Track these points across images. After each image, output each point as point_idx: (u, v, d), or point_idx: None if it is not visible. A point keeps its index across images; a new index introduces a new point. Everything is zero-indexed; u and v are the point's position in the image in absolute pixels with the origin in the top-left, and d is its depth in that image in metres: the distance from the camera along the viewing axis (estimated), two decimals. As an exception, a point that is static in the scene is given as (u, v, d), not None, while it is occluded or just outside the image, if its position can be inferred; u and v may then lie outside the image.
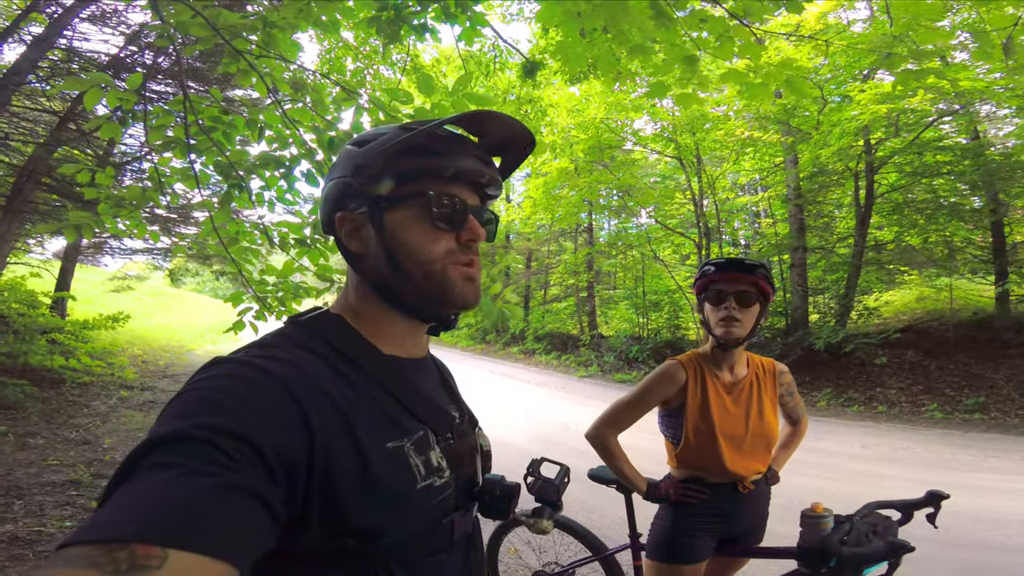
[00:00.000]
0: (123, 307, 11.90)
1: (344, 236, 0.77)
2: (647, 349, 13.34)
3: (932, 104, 9.71)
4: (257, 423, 0.55)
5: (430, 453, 0.71)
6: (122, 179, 8.41)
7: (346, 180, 0.75)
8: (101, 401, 6.99)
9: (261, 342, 0.69)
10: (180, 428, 0.52)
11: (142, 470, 0.49)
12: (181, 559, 0.43)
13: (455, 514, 0.74)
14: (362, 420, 0.65)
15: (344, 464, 0.61)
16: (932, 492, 1.67)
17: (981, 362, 8.77)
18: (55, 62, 7.21)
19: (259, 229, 3.40)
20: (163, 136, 2.80)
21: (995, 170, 9.41)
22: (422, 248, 0.73)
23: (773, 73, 2.33)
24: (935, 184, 10.69)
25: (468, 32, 2.49)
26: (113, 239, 10.77)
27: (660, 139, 14.44)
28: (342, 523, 0.61)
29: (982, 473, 5.15)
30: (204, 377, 0.61)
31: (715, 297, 1.73)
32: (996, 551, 3.45)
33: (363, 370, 0.71)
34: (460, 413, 0.85)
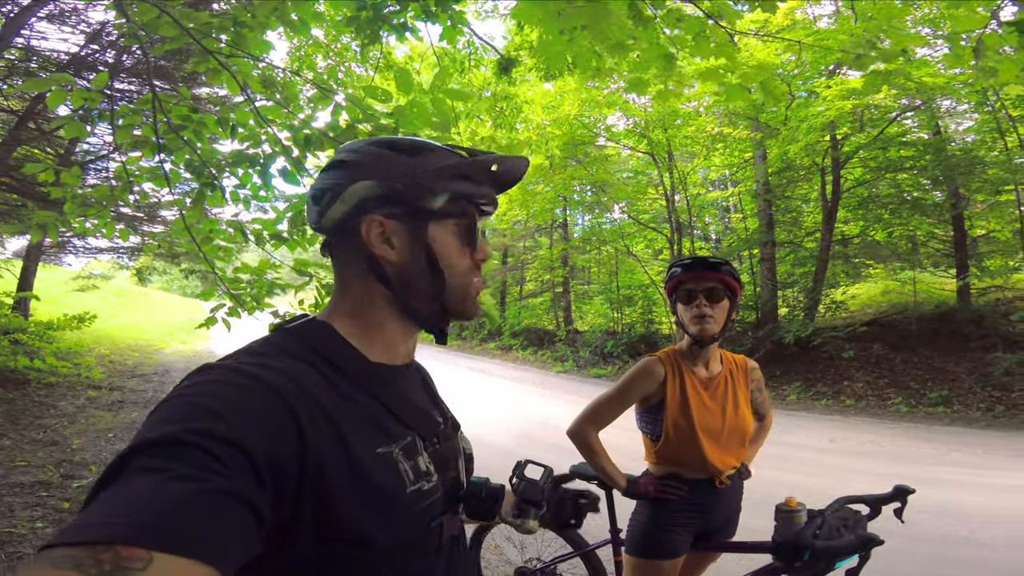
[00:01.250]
0: (88, 307, 11.57)
1: (373, 239, 0.76)
2: (622, 344, 13.48)
3: (895, 100, 9.98)
4: (249, 429, 0.54)
5: (418, 458, 0.72)
6: (86, 178, 8.14)
7: (394, 185, 0.75)
8: (68, 401, 6.85)
9: (249, 349, 0.69)
10: (169, 432, 0.51)
11: (129, 473, 0.49)
12: (166, 562, 0.43)
13: (443, 517, 0.75)
14: (352, 427, 0.65)
15: (336, 470, 0.61)
16: (899, 487, 1.72)
17: (943, 355, 9.01)
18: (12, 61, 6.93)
19: (234, 227, 3.34)
20: (131, 135, 2.72)
21: (955, 165, 9.71)
22: (458, 263, 0.79)
23: (750, 75, 2.38)
24: (899, 179, 11.02)
25: (449, 31, 2.47)
26: (77, 238, 10.44)
27: (632, 135, 14.58)
28: (334, 529, 0.61)
29: (945, 467, 5.24)
30: (194, 383, 0.60)
31: (685, 296, 1.79)
32: (961, 545, 3.51)
33: (351, 377, 0.71)
34: (443, 417, 0.87)
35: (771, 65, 8.41)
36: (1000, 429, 6.80)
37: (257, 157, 2.93)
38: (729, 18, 2.09)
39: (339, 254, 0.80)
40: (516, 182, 0.90)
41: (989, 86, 6.60)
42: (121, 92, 7.21)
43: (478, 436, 5.98)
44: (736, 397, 1.85)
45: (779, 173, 12.25)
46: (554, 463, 1.68)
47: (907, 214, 10.91)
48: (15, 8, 5.18)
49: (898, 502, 1.72)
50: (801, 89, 10.74)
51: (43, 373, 7.41)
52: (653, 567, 1.78)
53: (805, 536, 1.50)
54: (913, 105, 10.21)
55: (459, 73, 6.04)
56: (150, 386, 8.47)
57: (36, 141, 8.00)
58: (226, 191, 3.06)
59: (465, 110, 5.69)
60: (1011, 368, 7.85)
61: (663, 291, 10.95)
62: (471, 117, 6.30)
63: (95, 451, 5.13)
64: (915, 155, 10.56)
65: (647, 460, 1.89)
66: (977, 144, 10.19)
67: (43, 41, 7.55)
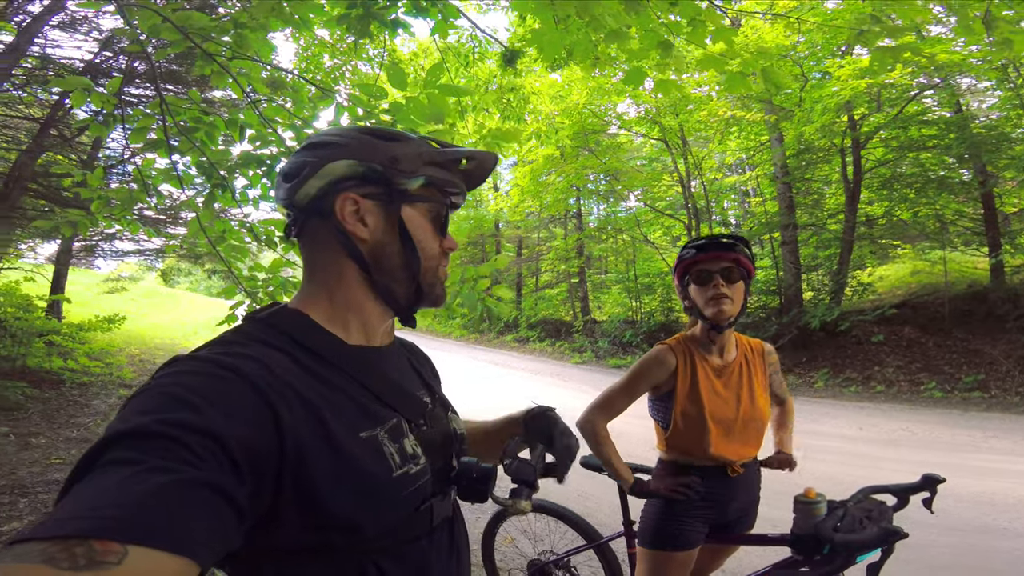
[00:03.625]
0: (118, 308, 11.97)
1: (346, 216, 0.76)
2: (641, 333, 13.36)
3: (912, 78, 9.65)
4: (223, 419, 0.54)
5: (404, 441, 0.72)
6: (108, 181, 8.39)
7: (373, 165, 0.77)
8: (101, 400, 7.06)
9: (221, 339, 0.69)
10: (142, 423, 0.51)
11: (101, 466, 0.49)
12: (140, 555, 0.42)
13: (433, 500, 0.75)
14: (333, 412, 0.65)
15: (317, 457, 0.61)
16: (928, 476, 1.65)
17: (979, 337, 8.63)
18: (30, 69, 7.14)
19: (245, 227, 3.41)
20: (144, 138, 2.79)
21: (980, 142, 9.34)
22: (428, 245, 0.81)
23: (751, 61, 2.32)
24: (922, 158, 10.65)
25: (441, 25, 2.47)
26: (104, 242, 10.74)
27: (644, 122, 14.36)
28: (320, 517, 0.61)
29: (982, 454, 5.08)
30: (166, 374, 0.60)
31: (699, 277, 1.71)
32: (998, 535, 3.40)
33: (328, 362, 0.71)
34: (432, 397, 0.86)
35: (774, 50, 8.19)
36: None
37: (264, 158, 2.98)
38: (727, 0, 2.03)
39: (309, 233, 0.79)
40: (485, 178, 0.92)
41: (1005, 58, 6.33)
42: (136, 97, 7.39)
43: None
44: (752, 385, 1.77)
45: (797, 155, 11.94)
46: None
47: (933, 193, 10.54)
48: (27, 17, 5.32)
49: (927, 492, 1.65)
50: (814, 70, 10.45)
51: (76, 373, 7.65)
52: (667, 559, 1.73)
53: (824, 529, 1.46)
54: (932, 84, 9.85)
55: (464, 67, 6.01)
56: None
57: (58, 147, 8.23)
58: (236, 192, 3.12)
59: (472, 103, 5.67)
60: (1053, 349, 7.45)
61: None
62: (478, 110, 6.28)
63: None
64: (938, 134, 10.19)
65: (658, 448, 1.85)
66: (1002, 121, 9.78)
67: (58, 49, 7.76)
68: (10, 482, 4.06)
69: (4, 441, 5.02)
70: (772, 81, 2.28)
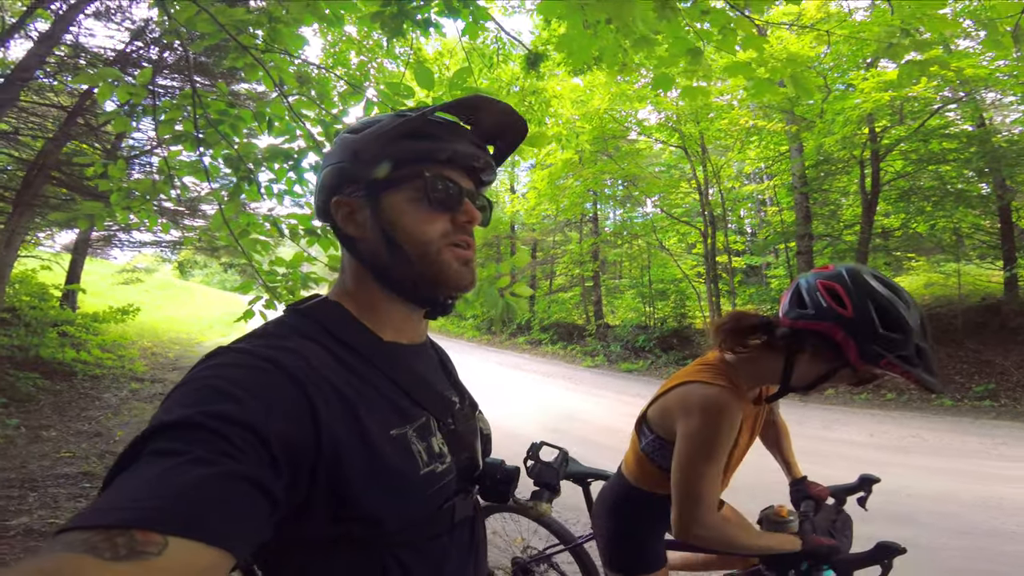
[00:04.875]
0: (132, 300, 11.95)
1: (341, 220, 0.77)
2: (654, 338, 13.34)
3: (936, 92, 9.62)
4: (263, 412, 0.55)
5: (432, 439, 0.72)
6: (130, 173, 8.49)
7: (342, 165, 0.76)
8: (112, 393, 7.07)
9: (263, 331, 0.70)
10: (185, 415, 0.52)
11: (145, 457, 0.50)
12: (180, 547, 0.43)
13: (456, 498, 0.76)
14: (366, 408, 0.66)
15: (351, 453, 0.61)
16: (864, 476, 1.68)
17: (990, 348, 8.70)
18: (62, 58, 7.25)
19: (270, 221, 3.45)
20: (172, 130, 2.84)
21: (1001, 156, 9.30)
22: (418, 230, 0.74)
23: (779, 68, 2.33)
24: (941, 171, 10.59)
25: (471, 27, 2.50)
26: (122, 232, 10.85)
27: (664, 129, 14.35)
28: (349, 510, 0.62)
29: (992, 461, 5.11)
30: (208, 366, 0.61)
31: (862, 380, 1.33)
32: (1006, 539, 3.45)
33: (364, 358, 0.72)
34: (460, 397, 0.86)
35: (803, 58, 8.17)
36: (1052, 423, 6.50)
37: (291, 152, 3.02)
38: (756, 9, 2.04)
39: (337, 237, 0.81)
40: (504, 128, 0.84)
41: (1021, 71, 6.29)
42: (164, 88, 7.48)
43: (506, 427, 6.03)
44: (759, 421, 1.51)
45: (816, 166, 11.90)
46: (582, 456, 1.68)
47: (951, 206, 10.49)
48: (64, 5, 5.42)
49: (863, 491, 1.69)
50: (838, 82, 10.41)
51: (88, 365, 7.67)
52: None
53: (822, 550, 1.36)
54: (956, 97, 9.80)
55: (487, 68, 6.04)
56: None
57: (84, 136, 8.32)
58: (261, 185, 3.16)
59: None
60: (1062, 361, 7.52)
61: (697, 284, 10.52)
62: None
63: None
64: (959, 147, 10.13)
65: (643, 484, 1.56)
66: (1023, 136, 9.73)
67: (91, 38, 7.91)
68: (20, 475, 4.06)
69: (15, 434, 5.05)
70: (801, 87, 2.29)
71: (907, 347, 1.18)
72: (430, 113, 0.76)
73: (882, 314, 1.19)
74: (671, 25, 2.13)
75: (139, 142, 9.16)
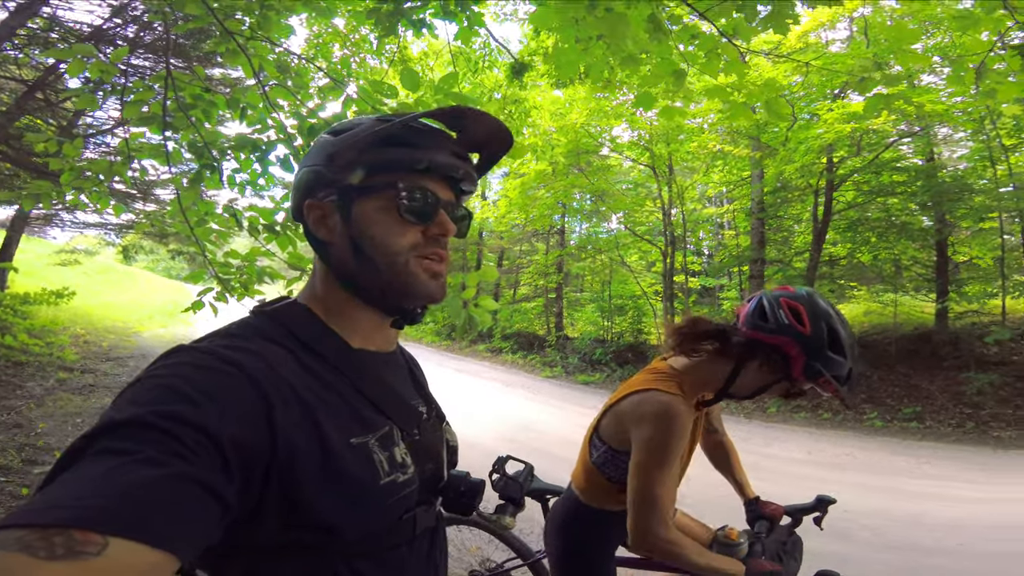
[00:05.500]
0: (69, 282, 11.33)
1: (312, 224, 0.76)
2: (610, 352, 13.56)
3: (894, 125, 10.18)
4: (218, 414, 0.54)
5: (394, 449, 0.71)
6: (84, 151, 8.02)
7: (317, 168, 0.75)
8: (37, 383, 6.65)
9: (226, 331, 0.68)
10: (137, 414, 0.50)
11: (91, 455, 0.48)
12: (121, 547, 0.42)
13: (418, 509, 0.75)
14: (327, 415, 0.64)
15: (307, 459, 0.60)
16: (820, 497, 1.74)
17: (919, 374, 9.26)
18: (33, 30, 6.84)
19: (229, 212, 3.33)
20: (139, 111, 2.71)
21: (944, 191, 9.92)
22: (387, 240, 0.73)
23: (756, 93, 2.44)
24: (889, 203, 11.22)
25: (464, 32, 2.50)
26: (65, 211, 10.26)
27: (636, 147, 14.67)
28: (303, 517, 0.60)
29: (916, 479, 5.42)
30: (165, 364, 0.59)
31: (797, 391, 1.41)
32: (926, 553, 3.65)
33: (330, 364, 0.70)
34: (428, 407, 0.86)
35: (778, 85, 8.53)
36: (970, 444, 7.02)
37: (260, 143, 2.93)
38: (744, 37, 2.14)
39: (308, 239, 0.80)
40: (490, 139, 0.82)
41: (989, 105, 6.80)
42: (135, 68, 7.14)
43: (465, 436, 5.91)
44: (699, 425, 1.56)
45: (774, 192, 12.41)
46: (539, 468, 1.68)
47: (894, 238, 11.12)
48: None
49: (818, 512, 1.74)
50: (804, 111, 10.91)
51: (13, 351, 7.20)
52: None
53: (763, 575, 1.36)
54: (911, 131, 10.41)
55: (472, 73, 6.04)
56: (125, 370, 8.24)
57: (40, 112, 7.88)
58: (224, 174, 3.05)
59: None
60: (982, 388, 8.13)
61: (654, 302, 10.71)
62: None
63: (61, 436, 4.94)
64: (907, 180, 10.76)
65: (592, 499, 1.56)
66: (968, 172, 10.42)
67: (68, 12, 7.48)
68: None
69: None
70: (774, 112, 2.40)
71: (843, 369, 1.30)
72: (411, 120, 0.74)
73: (833, 337, 1.30)
74: (660, 46, 2.19)
75: (98, 121, 8.70)
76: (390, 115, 0.77)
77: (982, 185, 10.10)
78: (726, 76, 2.35)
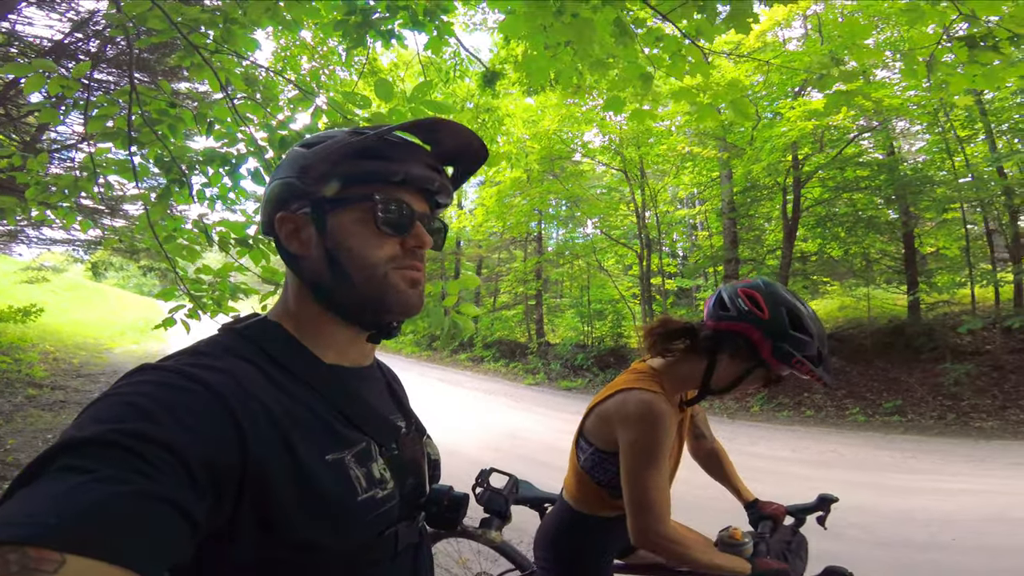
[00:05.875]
0: (36, 300, 11.16)
1: (284, 237, 0.75)
2: (592, 357, 13.62)
3: (853, 121, 10.47)
4: (183, 432, 0.53)
5: (372, 465, 0.70)
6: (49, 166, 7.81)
7: (290, 180, 0.74)
8: (5, 399, 6.58)
9: (193, 349, 0.67)
10: (98, 432, 0.49)
11: (51, 473, 0.47)
12: (79, 564, 0.41)
13: (399, 524, 0.73)
14: (300, 432, 0.63)
15: (280, 477, 0.59)
16: (823, 496, 1.75)
17: (897, 367, 9.41)
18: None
19: (199, 227, 3.28)
20: (103, 126, 2.66)
21: (907, 184, 10.22)
22: (364, 252, 0.72)
23: (721, 94, 2.49)
24: (854, 198, 11.51)
25: (435, 41, 2.51)
26: (31, 228, 9.99)
27: (607, 151, 14.85)
28: (279, 534, 0.59)
29: (903, 474, 5.43)
30: (129, 382, 0.58)
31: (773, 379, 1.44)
32: (923, 548, 3.62)
33: (301, 380, 0.69)
34: (407, 422, 0.85)
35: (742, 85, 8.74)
36: (952, 436, 7.10)
37: (230, 156, 2.89)
38: (707, 37, 2.18)
39: (280, 253, 0.79)
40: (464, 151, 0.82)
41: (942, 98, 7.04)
42: (99, 82, 7.01)
43: (448, 447, 5.91)
44: (685, 426, 1.59)
45: (744, 192, 12.65)
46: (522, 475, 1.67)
47: (862, 232, 11.41)
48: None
49: (821, 511, 1.75)
50: (767, 110, 11.15)
51: (-22, 368, 7.05)
52: None
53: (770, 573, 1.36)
54: (870, 126, 10.71)
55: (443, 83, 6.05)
56: (96, 387, 8.14)
57: (1, 126, 7.66)
58: (193, 189, 3.00)
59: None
60: (959, 378, 8.27)
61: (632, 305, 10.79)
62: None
63: (31, 451, 4.85)
64: (870, 175, 11.05)
65: (585, 506, 1.56)
66: (927, 164, 10.74)
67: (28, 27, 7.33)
68: None
69: None
70: (740, 112, 2.45)
71: (812, 349, 1.34)
72: (386, 133, 0.73)
73: (792, 318, 1.35)
74: (626, 50, 2.23)
75: (62, 136, 8.51)
76: (364, 128, 0.77)
77: (942, 177, 10.43)
78: (692, 78, 2.40)
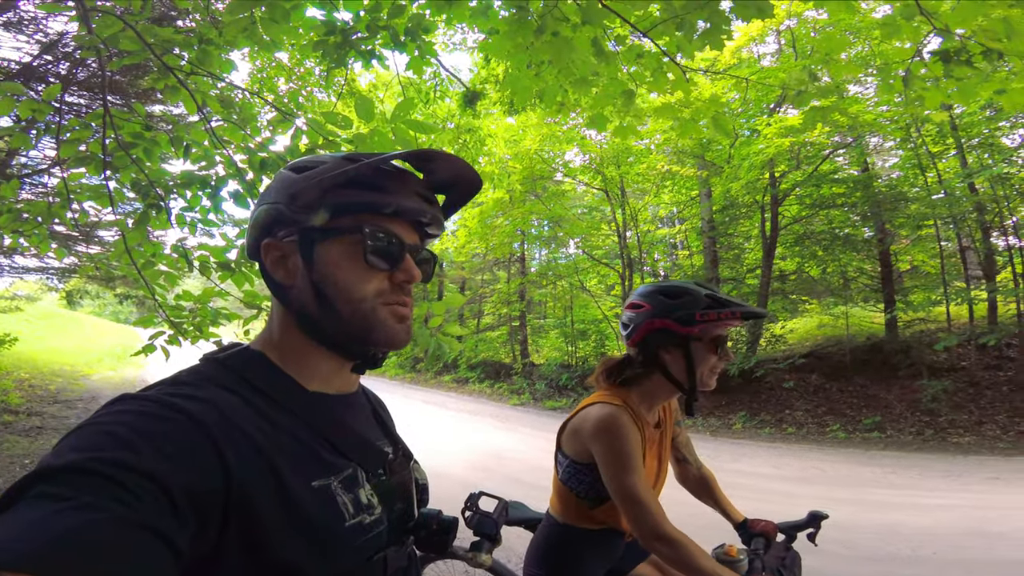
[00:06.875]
0: (9, 329, 11.02)
1: (270, 264, 0.74)
2: (576, 376, 13.63)
3: (828, 137, 10.70)
4: (163, 460, 0.52)
5: (359, 491, 0.70)
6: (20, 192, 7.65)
7: (278, 207, 0.72)
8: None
9: (174, 379, 0.66)
10: (76, 460, 0.49)
11: (27, 500, 0.46)
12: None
13: (388, 550, 0.73)
14: (285, 459, 0.63)
15: (265, 504, 0.59)
16: (813, 513, 1.75)
17: (875, 384, 9.57)
18: None
19: (178, 252, 3.21)
20: (76, 151, 2.60)
21: (881, 200, 10.45)
22: (352, 285, 0.71)
23: (703, 109, 2.53)
24: (831, 215, 11.74)
25: (416, 61, 2.51)
26: (3, 256, 9.76)
27: (588, 171, 15.03)
28: (266, 560, 0.59)
29: (883, 489, 5.47)
30: (109, 411, 0.57)
31: (715, 344, 1.49)
32: (903, 563, 3.64)
33: (286, 409, 0.69)
34: (394, 447, 0.84)
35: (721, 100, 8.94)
36: (931, 452, 7.19)
37: (209, 179, 2.85)
38: (687, 54, 2.22)
39: (265, 280, 0.77)
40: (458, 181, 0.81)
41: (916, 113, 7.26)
42: (70, 105, 6.93)
43: (435, 468, 5.81)
44: (666, 445, 1.65)
45: (723, 211, 12.85)
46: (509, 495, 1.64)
47: (839, 250, 11.62)
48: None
49: (812, 528, 1.75)
50: (744, 128, 11.38)
51: (-47, 396, 6.92)
52: None
53: None
54: (845, 142, 10.96)
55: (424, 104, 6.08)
56: (73, 412, 8.06)
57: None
58: (172, 213, 2.95)
59: (428, 142, 5.74)
60: (937, 395, 8.42)
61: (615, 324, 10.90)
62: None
63: (8, 477, 4.83)
64: (846, 192, 11.29)
65: (569, 518, 1.58)
66: (901, 180, 11.00)
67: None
68: None
69: None
70: (720, 127, 2.49)
71: (700, 300, 1.48)
72: (381, 162, 0.72)
73: (666, 292, 1.53)
74: (609, 67, 2.26)
75: (33, 161, 8.38)
76: (357, 154, 0.75)
77: (915, 193, 10.69)
78: (673, 94, 2.44)
